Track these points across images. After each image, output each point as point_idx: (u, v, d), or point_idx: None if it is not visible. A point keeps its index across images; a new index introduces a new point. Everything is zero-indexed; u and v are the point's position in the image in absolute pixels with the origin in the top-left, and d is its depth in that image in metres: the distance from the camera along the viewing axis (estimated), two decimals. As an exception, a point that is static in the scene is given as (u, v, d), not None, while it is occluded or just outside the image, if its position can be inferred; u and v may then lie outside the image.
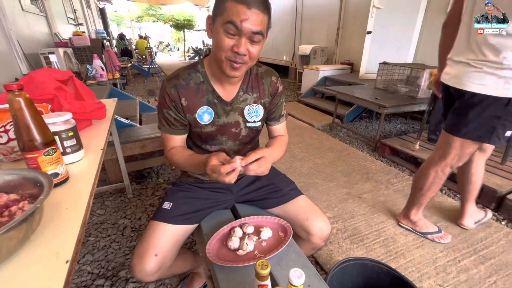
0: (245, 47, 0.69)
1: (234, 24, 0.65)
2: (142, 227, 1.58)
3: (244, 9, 0.64)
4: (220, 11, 0.67)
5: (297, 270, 0.51)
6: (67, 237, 0.48)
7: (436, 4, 3.29)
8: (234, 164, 0.68)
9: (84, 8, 7.38)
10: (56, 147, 0.64)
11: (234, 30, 0.67)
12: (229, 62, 0.72)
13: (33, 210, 0.42)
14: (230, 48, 0.69)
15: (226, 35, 0.68)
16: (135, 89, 5.88)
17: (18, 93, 0.57)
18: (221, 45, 0.69)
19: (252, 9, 0.64)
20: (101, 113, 1.09)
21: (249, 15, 0.65)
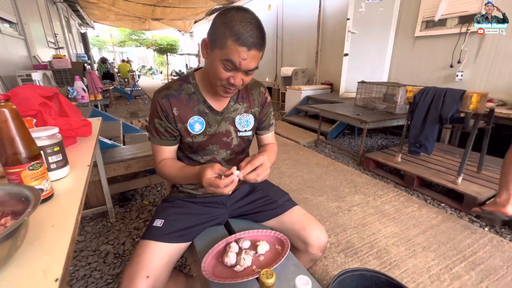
0: (240, 79, 0.73)
1: (234, 63, 0.69)
2: (127, 252, 1.48)
3: (244, 50, 0.67)
4: (220, 45, 0.69)
5: (303, 277, 0.49)
6: (55, 254, 0.44)
7: (403, 29, 3.60)
8: (232, 177, 0.67)
9: (65, 33, 7.34)
10: (41, 161, 0.60)
11: (232, 67, 0.70)
12: (224, 88, 0.76)
13: (19, 224, 0.39)
14: (226, 79, 0.73)
15: (224, 68, 0.71)
16: (117, 111, 5.76)
17: (3, 104, 0.54)
18: (218, 76, 0.73)
19: (251, 51, 0.68)
20: (87, 131, 1.05)
21: (248, 55, 0.68)
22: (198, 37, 13.26)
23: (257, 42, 0.68)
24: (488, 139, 2.01)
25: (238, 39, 0.66)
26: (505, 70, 2.71)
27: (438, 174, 2.08)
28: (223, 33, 0.67)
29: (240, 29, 0.66)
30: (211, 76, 0.76)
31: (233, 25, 0.66)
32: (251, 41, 0.67)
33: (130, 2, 6.88)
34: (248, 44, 0.67)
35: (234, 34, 0.66)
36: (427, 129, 2.01)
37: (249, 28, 0.66)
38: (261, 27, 0.69)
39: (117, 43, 19.71)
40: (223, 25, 0.68)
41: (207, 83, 0.83)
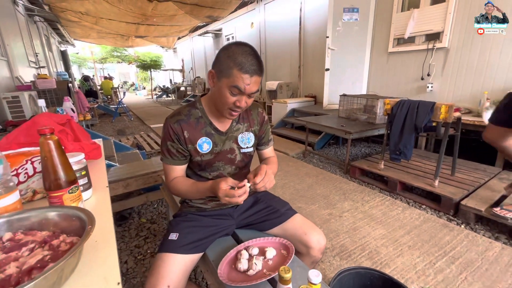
0: (245, 102, 0.87)
1: (239, 88, 0.82)
2: (130, 270, 1.51)
3: (247, 77, 0.81)
4: (226, 74, 0.82)
5: (314, 270, 0.59)
6: (109, 264, 0.52)
7: (377, 46, 3.93)
8: (245, 188, 0.79)
9: (45, 51, 7.23)
10: (78, 185, 0.68)
11: (238, 92, 0.83)
12: (230, 110, 0.88)
13: (88, 238, 0.47)
14: (233, 103, 0.86)
15: (230, 94, 0.84)
16: (102, 129, 5.69)
17: (49, 137, 0.62)
18: (226, 101, 0.85)
19: (254, 77, 0.82)
20: (97, 153, 1.12)
21: (251, 81, 0.82)
22: (181, 53, 13.41)
23: (257, 69, 0.82)
24: (458, 145, 2.24)
25: (241, 68, 0.80)
26: (469, 81, 3.03)
27: (417, 178, 2.27)
28: (228, 65, 0.81)
29: (242, 60, 0.80)
30: (218, 102, 0.89)
31: (236, 57, 0.80)
32: (252, 69, 0.81)
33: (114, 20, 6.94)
34: (250, 72, 0.81)
35: (238, 64, 0.80)
36: (405, 137, 2.21)
37: (249, 58, 0.81)
38: (258, 57, 0.84)
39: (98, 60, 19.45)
40: (227, 58, 0.82)
41: (213, 107, 0.94)
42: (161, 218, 2.05)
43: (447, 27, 3.08)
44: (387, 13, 3.71)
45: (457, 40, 3.05)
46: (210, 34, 9.24)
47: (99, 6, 5.38)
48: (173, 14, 6.05)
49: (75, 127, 1.09)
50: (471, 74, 3.00)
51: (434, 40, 3.24)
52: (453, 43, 3.09)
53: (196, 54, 11.33)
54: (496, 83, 2.82)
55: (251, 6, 6.71)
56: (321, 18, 4.81)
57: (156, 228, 1.91)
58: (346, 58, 4.13)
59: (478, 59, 2.91)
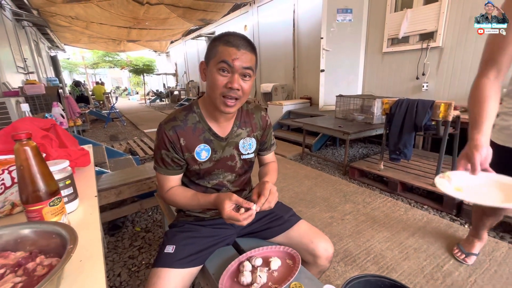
0: (238, 83, 0.77)
1: (227, 62, 0.74)
2: (124, 284, 1.42)
3: (234, 50, 0.74)
4: (213, 54, 0.77)
5: (329, 285, 0.53)
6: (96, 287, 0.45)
7: (372, 46, 3.93)
8: (252, 212, 0.73)
9: (35, 57, 7.07)
10: (60, 196, 0.60)
11: (227, 68, 0.75)
12: (223, 99, 0.78)
13: (68, 260, 0.40)
14: (224, 85, 0.77)
15: (220, 74, 0.76)
16: (94, 135, 5.56)
17: (25, 142, 0.55)
18: (216, 84, 0.77)
19: (241, 50, 0.75)
20: (86, 160, 1.04)
21: (239, 54, 0.75)
22: (174, 57, 13.32)
23: (246, 44, 0.76)
24: (457, 143, 2.22)
25: (227, 42, 0.75)
26: (464, 79, 3.03)
27: (418, 178, 2.24)
28: (214, 45, 0.77)
29: (228, 37, 0.76)
30: (211, 91, 0.79)
31: (222, 37, 0.77)
32: (239, 42, 0.75)
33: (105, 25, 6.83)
34: (238, 45, 0.75)
35: (224, 40, 0.76)
36: (404, 137, 2.18)
37: (236, 36, 0.77)
38: (247, 38, 0.79)
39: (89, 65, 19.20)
40: (214, 41, 0.78)
41: (210, 106, 0.85)
42: (156, 226, 1.96)
43: (440, 26, 3.09)
44: (380, 13, 3.72)
45: (451, 39, 3.06)
46: (203, 38, 9.19)
47: (89, 10, 5.28)
48: (165, 18, 5.99)
49: (60, 132, 1.01)
50: (466, 72, 3.00)
51: (428, 39, 3.24)
52: (447, 42, 3.10)
53: (190, 58, 11.26)
54: (491, 81, 2.83)
55: (244, 9, 6.69)
56: (314, 20, 4.80)
57: (151, 237, 1.82)
58: (341, 59, 4.12)
59: (473, 58, 2.92)
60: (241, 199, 0.75)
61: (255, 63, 0.81)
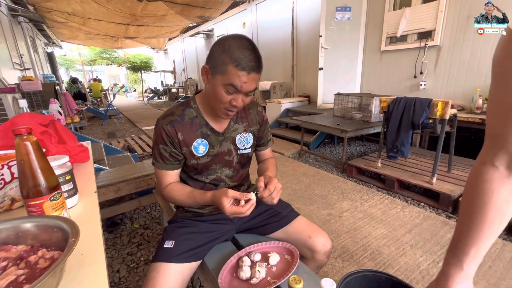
0: (241, 101, 0.79)
1: (235, 86, 0.74)
2: (123, 280, 1.43)
3: (244, 74, 0.73)
4: (221, 71, 0.74)
5: (327, 279, 0.54)
6: (97, 281, 0.45)
7: (370, 44, 3.93)
8: (252, 201, 0.74)
9: (31, 53, 7.00)
10: (61, 191, 0.60)
11: (234, 90, 0.76)
12: (225, 110, 0.81)
13: (70, 253, 0.40)
14: (228, 102, 0.78)
15: (226, 92, 0.76)
16: (92, 132, 5.53)
17: (26, 137, 0.55)
18: (221, 100, 0.78)
19: (251, 74, 0.74)
20: (85, 156, 1.04)
21: (248, 79, 0.74)
22: (172, 54, 13.24)
23: (256, 66, 0.74)
24: (454, 142, 2.24)
25: (238, 64, 0.72)
26: (461, 78, 3.05)
27: (414, 176, 2.26)
28: (223, 60, 0.73)
29: (239, 55, 0.72)
30: (213, 100, 0.81)
31: (232, 52, 0.72)
32: (250, 65, 0.73)
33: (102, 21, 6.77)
34: (248, 68, 0.73)
35: (234, 60, 0.72)
36: (402, 135, 2.20)
37: (247, 53, 0.73)
38: (257, 52, 0.76)
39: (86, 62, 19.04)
40: (222, 53, 0.73)
41: (208, 106, 0.87)
42: (154, 223, 1.97)
43: (438, 25, 3.10)
44: (379, 11, 3.72)
45: (449, 38, 3.07)
46: (202, 35, 9.15)
47: (86, 6, 5.23)
48: (163, 14, 5.94)
49: (59, 128, 1.01)
50: (463, 71, 3.02)
51: (426, 38, 3.25)
52: (445, 41, 3.11)
53: (188, 55, 11.21)
54: (487, 80, 2.85)
55: (243, 6, 6.66)
56: (313, 18, 4.80)
57: (150, 234, 1.83)
58: (339, 57, 4.12)
59: (470, 57, 2.93)
60: (237, 193, 0.75)
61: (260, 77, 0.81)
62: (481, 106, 2.76)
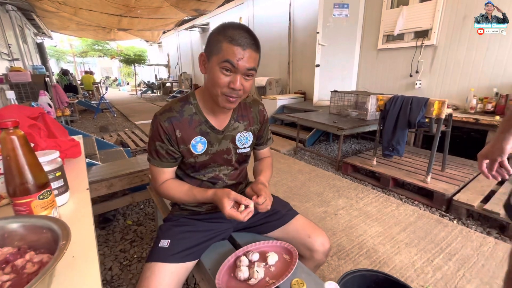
0: (240, 83, 0.75)
1: (231, 63, 0.71)
2: (115, 278, 1.39)
3: (239, 50, 0.71)
4: (216, 50, 0.72)
5: (331, 282, 0.52)
6: (89, 285, 0.43)
7: (367, 42, 3.93)
8: (251, 209, 0.74)
9: (19, 43, 6.77)
10: (50, 189, 0.57)
11: (230, 68, 0.72)
12: (225, 96, 0.77)
13: (61, 257, 0.37)
14: (226, 85, 0.74)
15: (222, 72, 0.73)
16: (83, 126, 5.40)
17: (12, 131, 0.51)
18: (218, 82, 0.74)
19: (247, 50, 0.72)
20: (76, 151, 1.00)
21: (244, 54, 0.72)
22: (167, 47, 13.02)
23: (251, 43, 0.73)
24: (449, 141, 2.26)
25: (232, 40, 0.70)
26: (455, 78, 3.08)
27: (409, 175, 2.28)
28: (217, 39, 0.72)
29: (233, 32, 0.71)
30: (211, 87, 0.77)
31: (226, 31, 0.71)
32: (245, 41, 0.71)
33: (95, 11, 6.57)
34: (243, 44, 0.71)
35: (228, 37, 0.71)
36: (398, 133, 2.20)
37: (241, 32, 0.72)
38: (252, 33, 0.75)
39: (78, 53, 18.56)
40: (217, 34, 0.73)
41: (208, 101, 0.83)
42: (148, 219, 1.93)
43: (435, 24, 3.11)
44: (376, 9, 3.71)
45: (445, 37, 3.09)
46: (197, 29, 9.00)
47: (78, -5, 5.07)
48: (158, 6, 5.81)
49: (49, 121, 0.97)
50: (458, 71, 3.05)
51: (422, 37, 3.26)
52: (441, 41, 3.13)
53: (182, 49, 11.04)
54: (482, 80, 2.88)
55: (240, 0, 6.57)
56: (310, 14, 4.76)
57: (143, 231, 1.80)
58: (336, 55, 4.11)
59: (465, 57, 2.96)
60: (239, 196, 0.74)
61: (258, 61, 0.78)
62: (475, 106, 2.79)
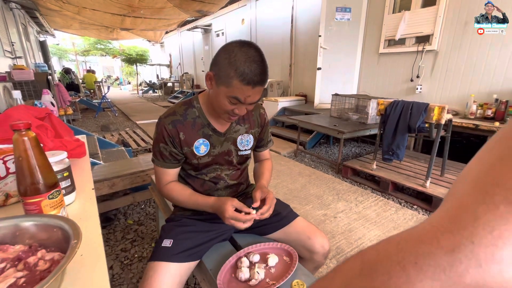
0: (245, 110, 0.81)
1: (239, 100, 0.75)
2: (116, 277, 1.41)
3: (249, 89, 0.73)
4: (226, 83, 0.74)
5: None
6: (98, 283, 0.44)
7: (369, 46, 3.95)
8: (252, 216, 0.77)
9: (23, 41, 6.80)
10: (59, 189, 0.59)
11: (237, 102, 0.76)
12: (228, 115, 0.82)
13: (71, 258, 0.39)
14: (231, 110, 0.79)
15: (229, 102, 0.77)
16: (85, 124, 5.42)
17: (25, 133, 0.53)
18: (224, 108, 0.79)
19: (256, 88, 0.74)
20: (81, 151, 1.02)
21: (253, 92, 0.75)
22: (169, 47, 13.06)
23: (261, 79, 0.74)
24: (448, 146, 2.28)
25: (243, 79, 0.71)
26: (456, 83, 3.10)
27: (408, 179, 2.29)
28: (228, 73, 0.72)
29: (245, 69, 0.70)
30: (216, 106, 0.82)
31: (238, 66, 0.70)
32: (255, 80, 0.72)
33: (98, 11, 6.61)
34: (253, 83, 0.72)
35: (240, 75, 0.71)
36: (398, 138, 2.22)
37: (253, 67, 0.71)
38: (264, 64, 0.74)
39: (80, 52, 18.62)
40: (228, 65, 0.72)
41: (211, 107, 0.87)
42: (149, 219, 1.95)
43: (436, 30, 3.13)
44: (378, 14, 3.74)
45: (446, 43, 3.11)
46: (200, 29, 9.04)
47: (82, -6, 5.10)
48: (161, 7, 5.84)
49: (55, 122, 0.99)
50: (459, 77, 3.07)
51: (424, 42, 3.28)
52: (442, 46, 3.15)
53: (185, 50, 11.07)
54: (482, 86, 2.90)
55: (242, 2, 6.60)
56: (312, 17, 4.79)
57: (144, 230, 1.81)
58: (337, 58, 4.13)
59: (466, 63, 2.98)
60: (241, 204, 0.78)
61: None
62: (475, 111, 2.81)
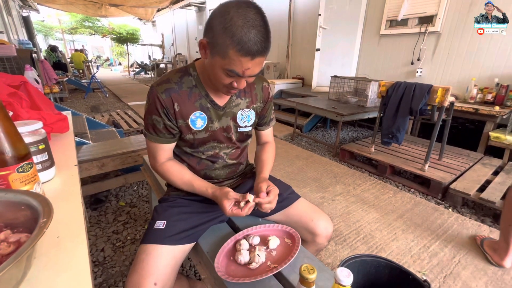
0: (244, 83, 0.71)
1: (236, 73, 0.65)
2: (108, 259, 1.36)
3: (248, 60, 0.62)
4: (221, 53, 0.63)
5: (343, 269, 0.48)
6: (76, 268, 0.37)
7: (369, 27, 3.81)
8: (251, 204, 0.73)
9: (3, 15, 6.37)
10: (31, 162, 0.51)
11: (235, 75, 0.66)
12: (226, 89, 0.73)
13: (37, 239, 0.32)
14: (229, 83, 0.69)
15: (226, 75, 0.67)
16: (73, 105, 5.22)
17: (-17, 92, 0.44)
18: (220, 81, 0.69)
19: (256, 59, 0.63)
20: (63, 126, 0.92)
21: (252, 64, 0.64)
22: (161, 26, 12.52)
23: (262, 48, 0.62)
24: (448, 130, 2.24)
25: (240, 49, 0.60)
26: (457, 67, 3.03)
27: (407, 163, 2.27)
28: (223, 41, 0.61)
29: (242, 37, 0.59)
30: (212, 79, 0.73)
31: (235, 32, 0.59)
32: (255, 49, 0.61)
33: (84, -16, 6.19)
34: (252, 53, 0.61)
35: (237, 43, 0.59)
36: (398, 120, 2.16)
37: (253, 33, 0.59)
38: (266, 28, 0.63)
39: (67, 29, 17.73)
40: (223, 31, 0.60)
41: (208, 77, 0.77)
42: (142, 201, 1.89)
43: (441, 10, 3.01)
44: (381, -8, 3.57)
45: (450, 24, 3.00)
46: (193, 7, 8.63)
47: (65, -36, 4.72)
48: (152, -20, 5.49)
49: (32, 92, 0.88)
50: (460, 60, 2.99)
51: (427, 23, 3.17)
52: (445, 28, 3.05)
53: (178, 29, 10.63)
54: (483, 70, 2.84)
55: (238, -22, 6.25)
56: (312, -5, 4.57)
57: (137, 212, 1.75)
58: (337, 39, 3.99)
59: (468, 46, 2.89)
60: (238, 195, 0.73)
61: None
62: (475, 96, 2.76)
